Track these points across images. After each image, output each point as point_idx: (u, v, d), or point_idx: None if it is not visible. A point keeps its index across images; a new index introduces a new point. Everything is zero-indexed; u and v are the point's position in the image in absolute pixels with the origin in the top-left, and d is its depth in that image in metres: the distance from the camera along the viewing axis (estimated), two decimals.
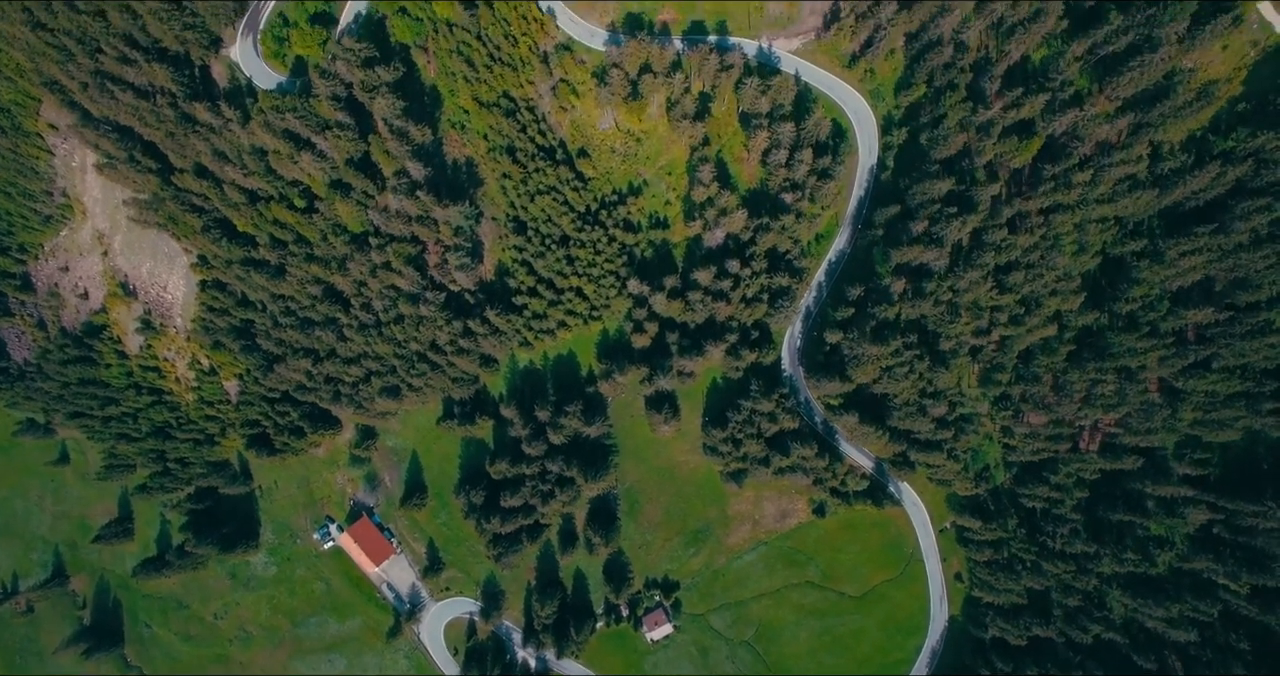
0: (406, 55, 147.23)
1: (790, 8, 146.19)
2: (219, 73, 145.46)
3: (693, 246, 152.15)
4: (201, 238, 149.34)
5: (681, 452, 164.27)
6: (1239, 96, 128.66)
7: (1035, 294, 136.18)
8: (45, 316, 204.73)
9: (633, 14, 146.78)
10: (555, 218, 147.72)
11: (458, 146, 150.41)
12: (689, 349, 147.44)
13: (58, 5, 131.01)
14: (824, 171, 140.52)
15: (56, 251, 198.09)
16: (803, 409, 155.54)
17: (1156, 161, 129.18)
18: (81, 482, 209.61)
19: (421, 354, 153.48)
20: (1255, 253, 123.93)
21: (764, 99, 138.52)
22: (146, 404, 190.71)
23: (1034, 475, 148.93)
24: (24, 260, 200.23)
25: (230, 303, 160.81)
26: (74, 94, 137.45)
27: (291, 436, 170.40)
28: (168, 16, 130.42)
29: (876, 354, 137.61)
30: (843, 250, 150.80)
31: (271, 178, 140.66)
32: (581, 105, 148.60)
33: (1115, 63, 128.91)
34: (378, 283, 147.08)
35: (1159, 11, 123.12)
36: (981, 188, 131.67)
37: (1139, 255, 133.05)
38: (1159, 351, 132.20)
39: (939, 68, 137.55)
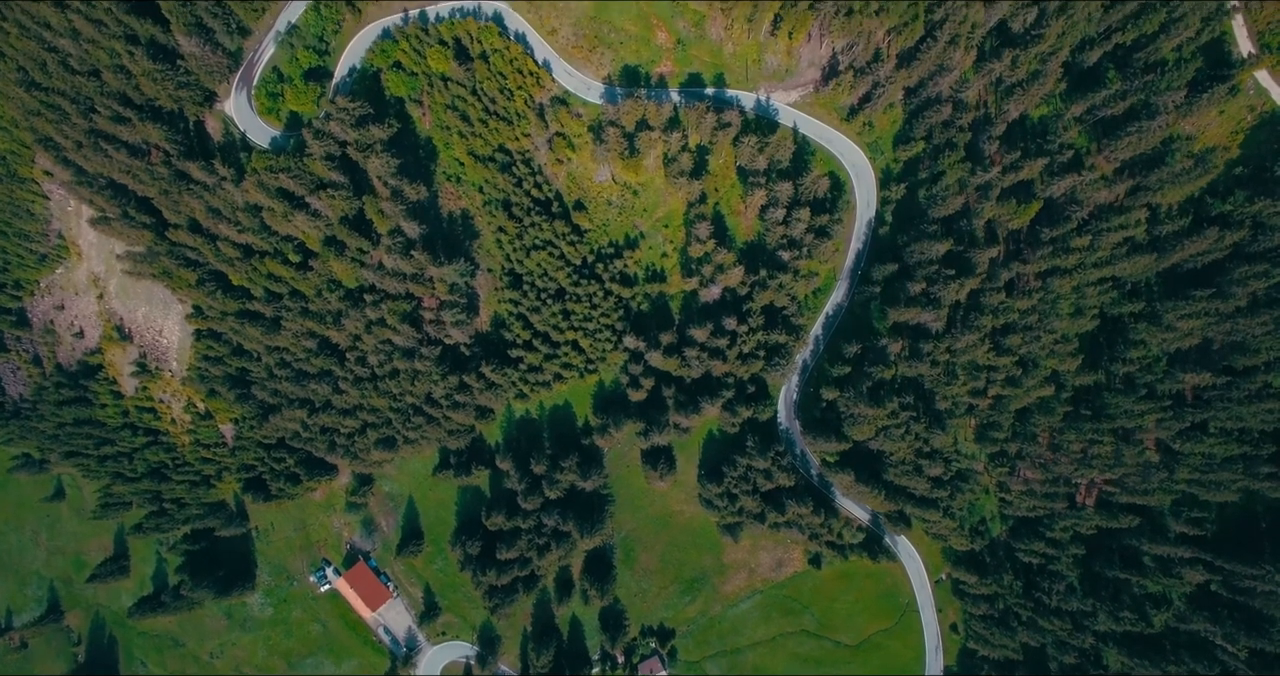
0: (401, 108, 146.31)
1: (788, 60, 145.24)
2: (213, 127, 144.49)
3: (689, 299, 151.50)
4: (196, 290, 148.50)
5: (678, 502, 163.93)
6: (1236, 160, 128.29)
7: (1032, 355, 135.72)
8: (41, 352, 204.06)
9: (629, 66, 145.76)
10: (551, 272, 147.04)
11: (453, 199, 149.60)
12: (685, 404, 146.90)
13: (52, 66, 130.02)
14: (821, 229, 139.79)
15: (52, 288, 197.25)
16: (799, 461, 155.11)
17: (1155, 224, 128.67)
18: (77, 518, 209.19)
19: (417, 407, 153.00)
20: (1253, 318, 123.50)
21: (761, 156, 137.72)
22: (142, 444, 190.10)
23: (1030, 530, 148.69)
24: (19, 296, 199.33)
25: (225, 351, 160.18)
26: (68, 152, 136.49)
27: (287, 483, 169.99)
28: (161, 77, 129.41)
29: (873, 415, 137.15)
30: (840, 304, 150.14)
31: (266, 234, 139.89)
32: (577, 158, 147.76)
33: (1114, 125, 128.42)
34: (373, 338, 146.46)
35: (1156, 78, 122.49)
36: (980, 251, 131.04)
37: (1137, 317, 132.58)
38: (1156, 413, 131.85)
39: (938, 125, 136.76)
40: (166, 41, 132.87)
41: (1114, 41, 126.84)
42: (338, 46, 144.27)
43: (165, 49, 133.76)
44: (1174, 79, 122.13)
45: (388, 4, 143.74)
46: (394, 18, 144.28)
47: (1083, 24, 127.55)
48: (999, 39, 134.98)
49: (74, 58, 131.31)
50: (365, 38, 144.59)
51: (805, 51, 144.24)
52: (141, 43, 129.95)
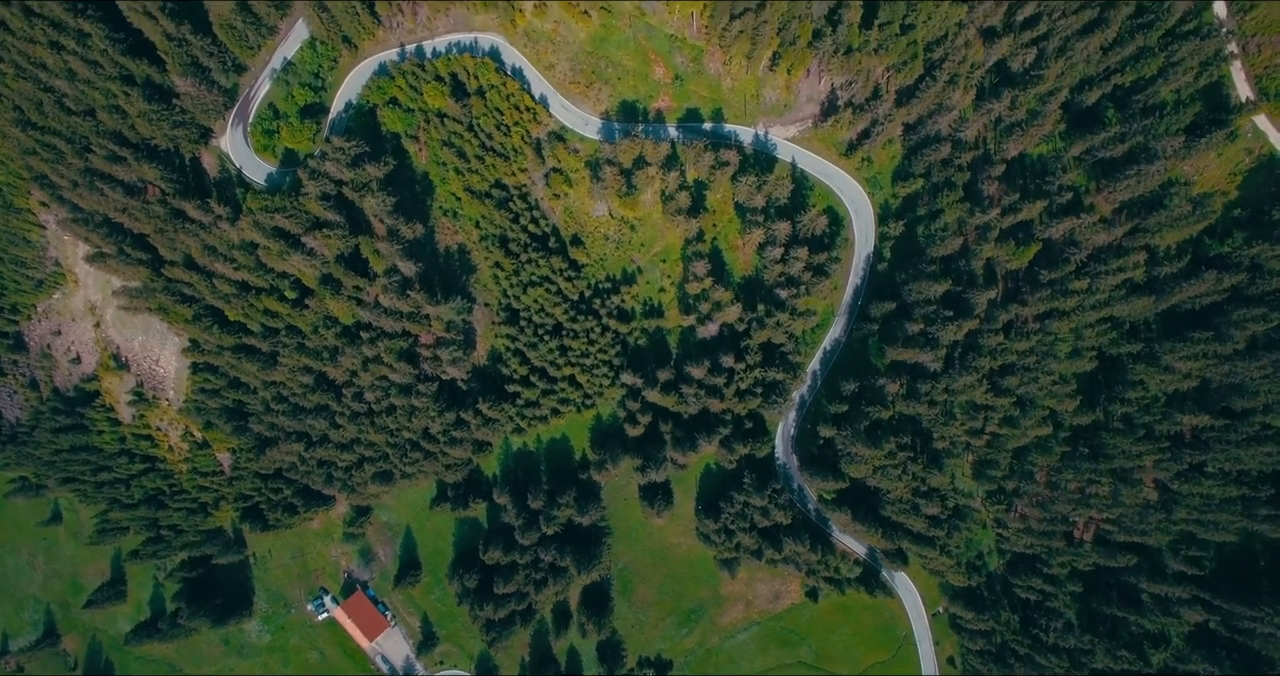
0: (397, 143, 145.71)
1: (787, 95, 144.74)
2: (209, 163, 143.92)
3: (687, 334, 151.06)
4: (192, 325, 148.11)
5: (675, 534, 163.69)
6: (1234, 201, 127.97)
7: (1030, 395, 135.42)
8: (38, 376, 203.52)
9: (627, 102, 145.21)
10: (548, 307, 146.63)
11: (450, 234, 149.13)
12: (682, 441, 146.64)
13: (48, 106, 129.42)
14: (820, 268, 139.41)
15: (49, 313, 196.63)
16: (796, 496, 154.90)
17: (1153, 265, 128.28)
18: (74, 542, 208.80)
19: (414, 442, 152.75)
20: (1251, 362, 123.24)
21: (759, 195, 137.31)
22: (139, 471, 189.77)
23: (1027, 566, 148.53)
24: (16, 320, 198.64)
25: (222, 384, 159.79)
26: (63, 191, 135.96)
27: (284, 513, 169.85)
28: (157, 117, 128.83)
29: (870, 455, 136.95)
30: (838, 339, 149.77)
31: (262, 271, 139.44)
32: (575, 193, 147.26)
33: (1113, 166, 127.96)
34: (369, 375, 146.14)
35: (1155, 121, 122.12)
36: (978, 292, 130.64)
37: (1135, 357, 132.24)
38: (1154, 455, 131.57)
39: (937, 163, 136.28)
40: (162, 81, 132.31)
41: (1113, 82, 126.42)
42: (334, 82, 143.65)
43: (161, 89, 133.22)
44: (1172, 122, 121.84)
45: (384, 39, 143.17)
46: (390, 53, 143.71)
47: (1082, 65, 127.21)
48: (998, 76, 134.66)
49: (70, 98, 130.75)
50: (361, 73, 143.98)
51: (804, 87, 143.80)
52: (137, 83, 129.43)
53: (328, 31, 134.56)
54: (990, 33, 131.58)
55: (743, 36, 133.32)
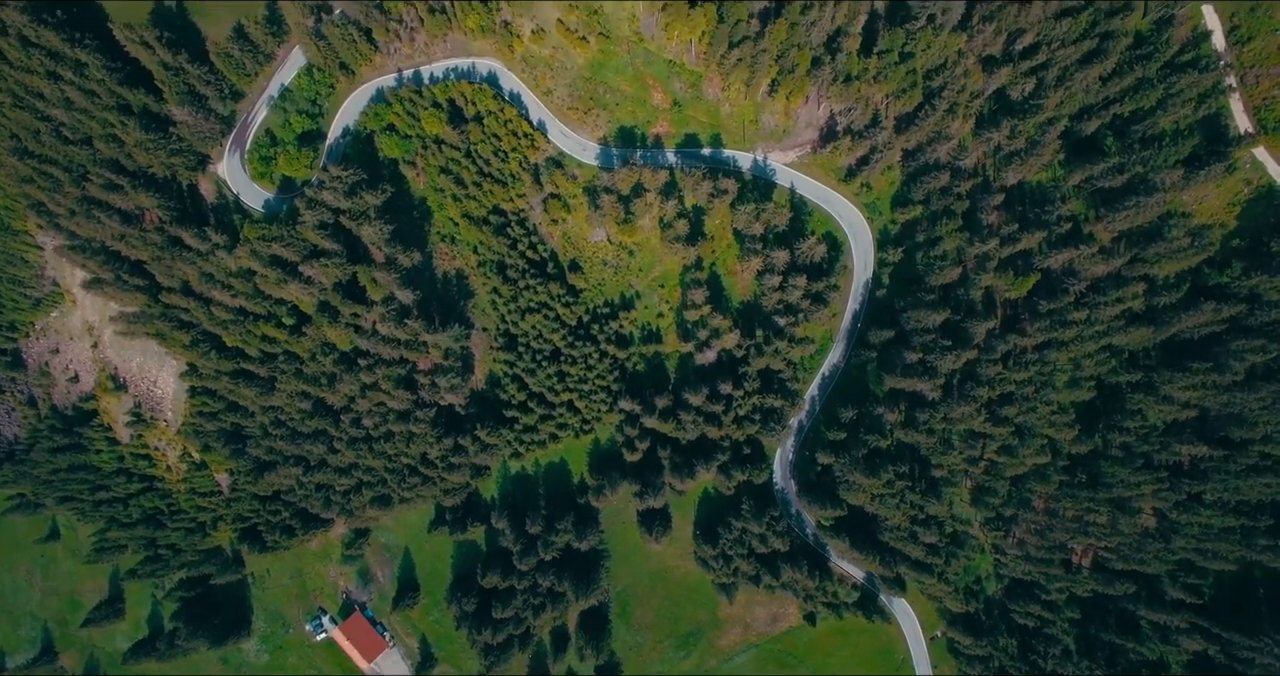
0: (395, 168, 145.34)
1: (786, 121, 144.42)
2: (206, 189, 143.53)
3: (685, 359, 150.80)
4: (190, 351, 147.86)
5: (673, 557, 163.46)
6: (1233, 231, 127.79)
7: (1029, 425, 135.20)
8: (36, 394, 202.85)
9: (625, 127, 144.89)
10: (546, 334, 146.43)
11: (448, 259, 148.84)
12: (680, 467, 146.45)
13: (45, 135, 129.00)
14: (818, 296, 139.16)
15: (47, 331, 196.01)
16: (794, 521, 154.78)
17: (1152, 294, 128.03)
18: (72, 559, 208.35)
19: (412, 467, 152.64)
20: (1250, 393, 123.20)
21: (757, 223, 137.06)
22: (137, 490, 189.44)
23: (1025, 591, 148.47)
24: (14, 338, 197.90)
25: (220, 407, 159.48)
26: (60, 219, 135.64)
27: (282, 535, 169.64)
28: (154, 146, 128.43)
29: (868, 484, 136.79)
30: (837, 365, 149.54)
31: (259, 298, 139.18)
32: (573, 219, 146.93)
33: (1112, 197, 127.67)
34: (367, 401, 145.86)
35: (1154, 152, 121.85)
36: (977, 323, 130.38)
37: (1134, 387, 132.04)
38: (1152, 484, 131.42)
39: (936, 191, 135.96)
40: (159, 110, 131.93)
41: (1112, 112, 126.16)
42: (331, 108, 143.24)
43: (158, 117, 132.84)
44: (1171, 154, 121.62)
45: (381, 65, 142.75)
46: (388, 78, 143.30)
47: (1081, 95, 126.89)
48: (997, 103, 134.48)
49: (66, 127, 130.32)
50: (359, 98, 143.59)
51: (803, 112, 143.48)
52: (134, 112, 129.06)
53: (324, 59, 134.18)
54: (990, 61, 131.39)
55: (741, 64, 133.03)
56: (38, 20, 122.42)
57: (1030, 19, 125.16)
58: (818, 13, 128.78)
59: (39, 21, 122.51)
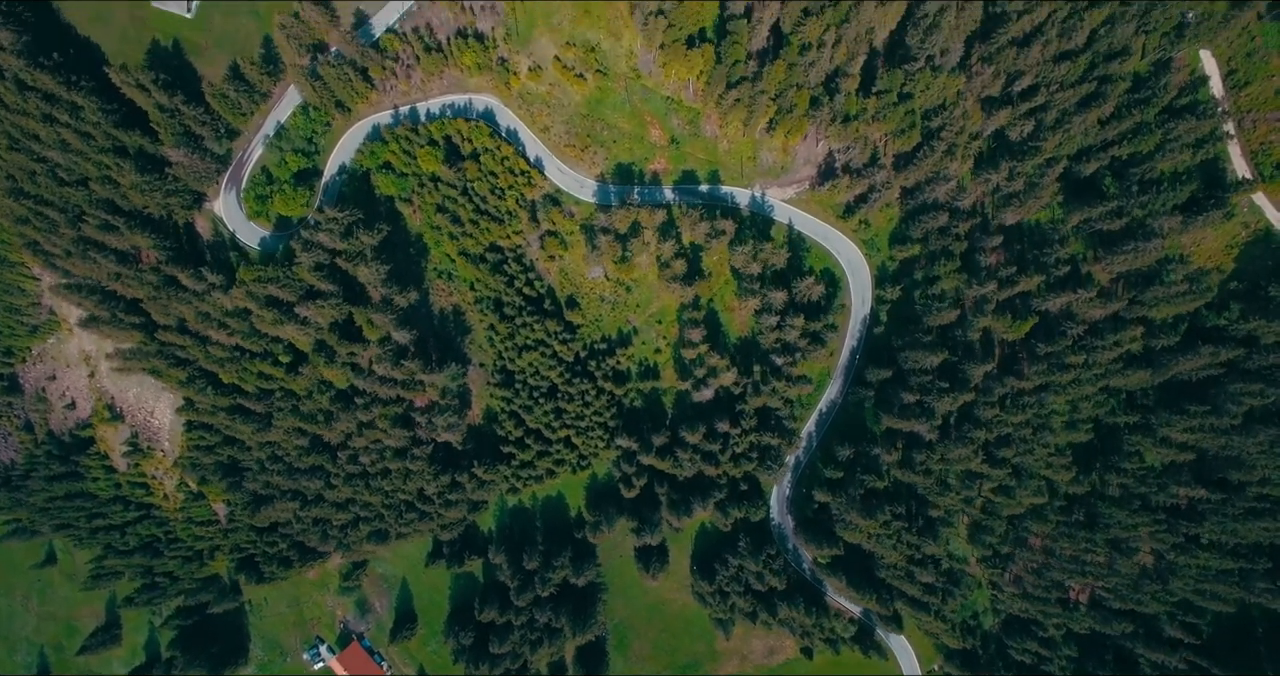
0: (391, 205, 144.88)
1: (784, 157, 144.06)
2: (203, 226, 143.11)
3: (683, 395, 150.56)
4: (187, 387, 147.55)
5: (670, 590, 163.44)
6: (1231, 273, 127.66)
7: (1026, 466, 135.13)
8: (32, 419, 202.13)
9: (623, 164, 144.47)
10: (543, 371, 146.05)
11: (444, 295, 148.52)
12: (677, 503, 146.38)
13: (41, 176, 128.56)
14: (816, 335, 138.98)
15: (44, 357, 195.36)
16: (791, 556, 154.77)
17: (1150, 336, 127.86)
18: (69, 584, 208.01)
19: (410, 503, 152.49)
20: (1248, 437, 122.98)
21: (755, 263, 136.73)
22: (134, 518, 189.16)
23: (1022, 628, 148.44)
24: (10, 363, 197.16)
25: (217, 440, 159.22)
26: (56, 259, 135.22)
27: (279, 566, 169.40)
28: (149, 188, 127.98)
29: (865, 525, 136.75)
30: (834, 401, 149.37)
31: (255, 337, 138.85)
32: (570, 255, 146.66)
33: (1111, 239, 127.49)
34: (364, 439, 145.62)
35: (1153, 196, 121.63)
36: (975, 366, 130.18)
37: (1132, 429, 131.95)
38: (1150, 526, 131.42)
39: (934, 231, 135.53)
40: (154, 151, 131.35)
41: (1111, 154, 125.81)
42: (327, 145, 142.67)
43: (153, 158, 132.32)
44: (1170, 198, 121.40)
45: (378, 102, 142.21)
46: (384, 114, 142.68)
47: (1079, 137, 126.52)
48: (996, 142, 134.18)
49: (62, 168, 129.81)
50: (355, 135, 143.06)
51: (801, 149, 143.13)
52: (130, 154, 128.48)
53: (320, 98, 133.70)
54: (988, 102, 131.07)
55: (739, 104, 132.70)
56: (34, 64, 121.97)
57: (1029, 61, 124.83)
58: (816, 53, 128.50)
59: (35, 65, 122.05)
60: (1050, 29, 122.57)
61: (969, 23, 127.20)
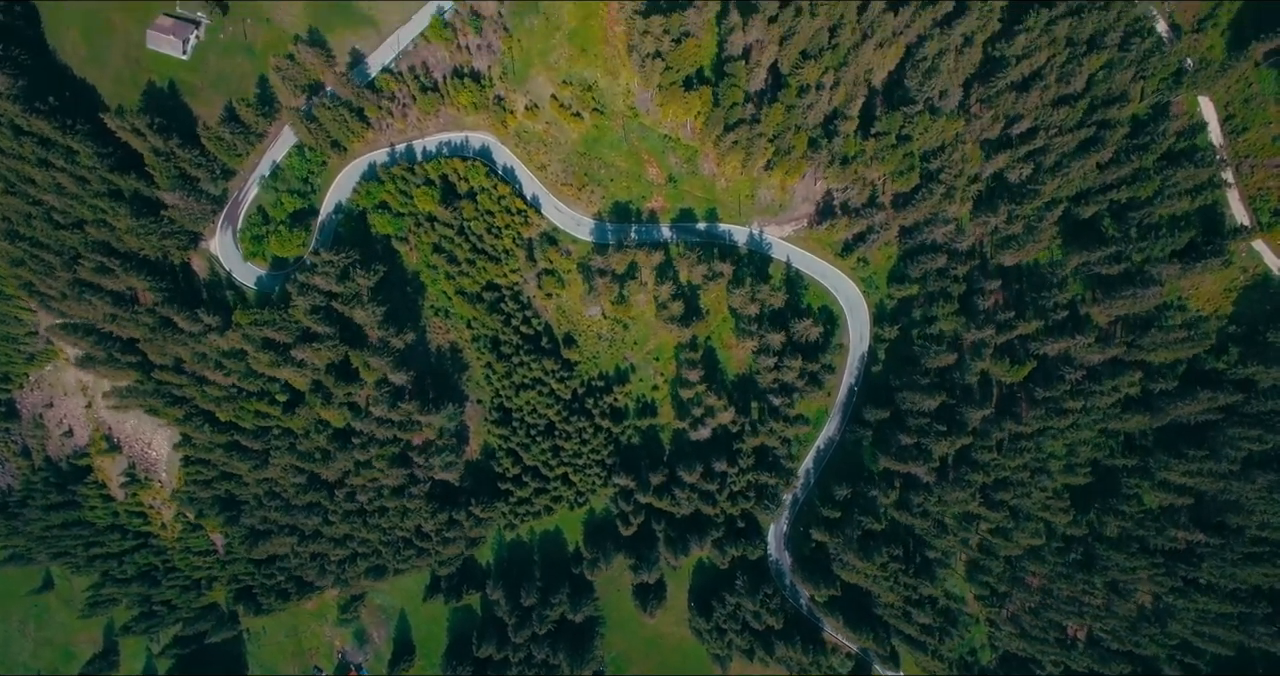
0: (388, 243, 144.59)
1: (782, 195, 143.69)
2: (199, 265, 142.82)
3: (681, 432, 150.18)
4: (184, 424, 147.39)
5: (668, 623, 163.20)
6: (1229, 316, 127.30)
7: (1023, 508, 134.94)
8: (30, 445, 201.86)
9: (620, 202, 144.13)
10: (540, 409, 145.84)
11: (441, 333, 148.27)
12: (675, 541, 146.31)
13: (37, 220, 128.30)
14: (814, 376, 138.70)
15: (41, 384, 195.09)
16: (788, 591, 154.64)
17: (1149, 379, 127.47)
18: (66, 609, 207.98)
19: (407, 539, 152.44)
20: (1247, 483, 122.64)
21: (753, 304, 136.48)
22: (131, 547, 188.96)
23: (1020, 665, 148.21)
24: (8, 389, 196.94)
25: (214, 474, 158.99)
26: (52, 301, 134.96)
27: (277, 598, 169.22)
28: (145, 231, 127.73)
29: (862, 567, 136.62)
30: (832, 438, 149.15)
31: (252, 377, 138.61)
32: (567, 293, 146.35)
33: (1110, 283, 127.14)
34: (362, 478, 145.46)
35: (1151, 243, 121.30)
36: (973, 410, 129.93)
37: (1130, 471, 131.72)
38: (1148, 569, 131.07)
39: (933, 272, 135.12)
40: (150, 193, 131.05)
41: (1110, 197, 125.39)
42: (323, 183, 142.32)
43: (149, 201, 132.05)
44: (1168, 244, 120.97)
45: (373, 140, 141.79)
46: (380, 153, 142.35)
47: (1078, 180, 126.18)
48: (995, 182, 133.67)
49: (58, 211, 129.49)
50: (352, 173, 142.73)
51: (800, 187, 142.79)
52: (125, 197, 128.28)
53: (315, 139, 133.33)
54: (988, 144, 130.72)
55: (737, 147, 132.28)
56: (30, 108, 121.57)
57: (1028, 105, 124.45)
58: (814, 95, 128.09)
59: (31, 110, 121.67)
60: (1049, 74, 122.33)
61: (968, 66, 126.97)
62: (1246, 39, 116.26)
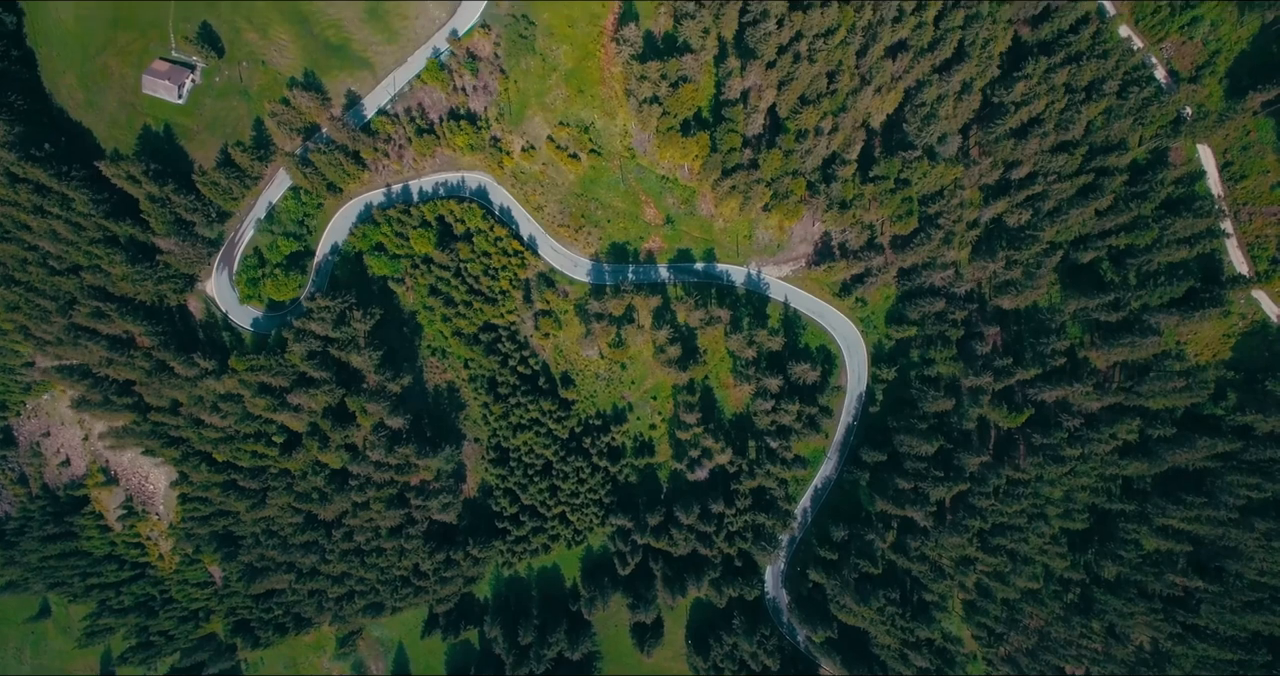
0: (384, 284, 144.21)
1: (780, 235, 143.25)
2: (195, 307, 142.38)
3: (678, 474, 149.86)
4: (181, 464, 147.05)
5: (665, 658, 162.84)
6: (1228, 362, 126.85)
7: (1021, 552, 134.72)
8: (27, 472, 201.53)
9: (617, 243, 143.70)
10: (538, 449, 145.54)
11: (438, 373, 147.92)
12: (672, 580, 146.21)
13: (33, 265, 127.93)
14: (811, 419, 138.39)
15: (38, 412, 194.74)
16: (786, 629, 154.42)
17: (1147, 425, 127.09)
18: (63, 636, 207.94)
19: (405, 578, 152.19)
20: (1245, 531, 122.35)
21: (750, 349, 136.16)
22: (128, 577, 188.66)
23: None
24: (5, 417, 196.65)
25: (211, 511, 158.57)
26: (48, 346, 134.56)
27: (275, 632, 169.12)
28: (140, 277, 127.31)
29: (860, 610, 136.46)
30: (829, 477, 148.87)
31: (249, 419, 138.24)
32: (564, 334, 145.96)
33: (1109, 330, 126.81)
34: (359, 519, 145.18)
35: (1149, 291, 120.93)
36: (970, 456, 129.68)
37: (1129, 516, 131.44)
38: (1146, 614, 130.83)
39: (931, 315, 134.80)
40: (145, 239, 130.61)
41: (1109, 243, 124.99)
42: (319, 224, 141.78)
43: (144, 246, 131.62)
44: (1167, 292, 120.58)
45: (369, 181, 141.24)
46: (376, 193, 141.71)
47: (1077, 226, 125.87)
48: (994, 224, 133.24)
49: (53, 257, 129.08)
50: (348, 213, 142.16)
51: (798, 228, 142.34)
52: (120, 243, 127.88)
53: (311, 183, 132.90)
54: (986, 189, 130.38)
55: (735, 191, 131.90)
56: (25, 156, 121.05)
57: (1027, 152, 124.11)
58: (813, 141, 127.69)
59: (27, 157, 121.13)
60: (1048, 121, 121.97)
61: (966, 112, 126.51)
62: (1244, 88, 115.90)
